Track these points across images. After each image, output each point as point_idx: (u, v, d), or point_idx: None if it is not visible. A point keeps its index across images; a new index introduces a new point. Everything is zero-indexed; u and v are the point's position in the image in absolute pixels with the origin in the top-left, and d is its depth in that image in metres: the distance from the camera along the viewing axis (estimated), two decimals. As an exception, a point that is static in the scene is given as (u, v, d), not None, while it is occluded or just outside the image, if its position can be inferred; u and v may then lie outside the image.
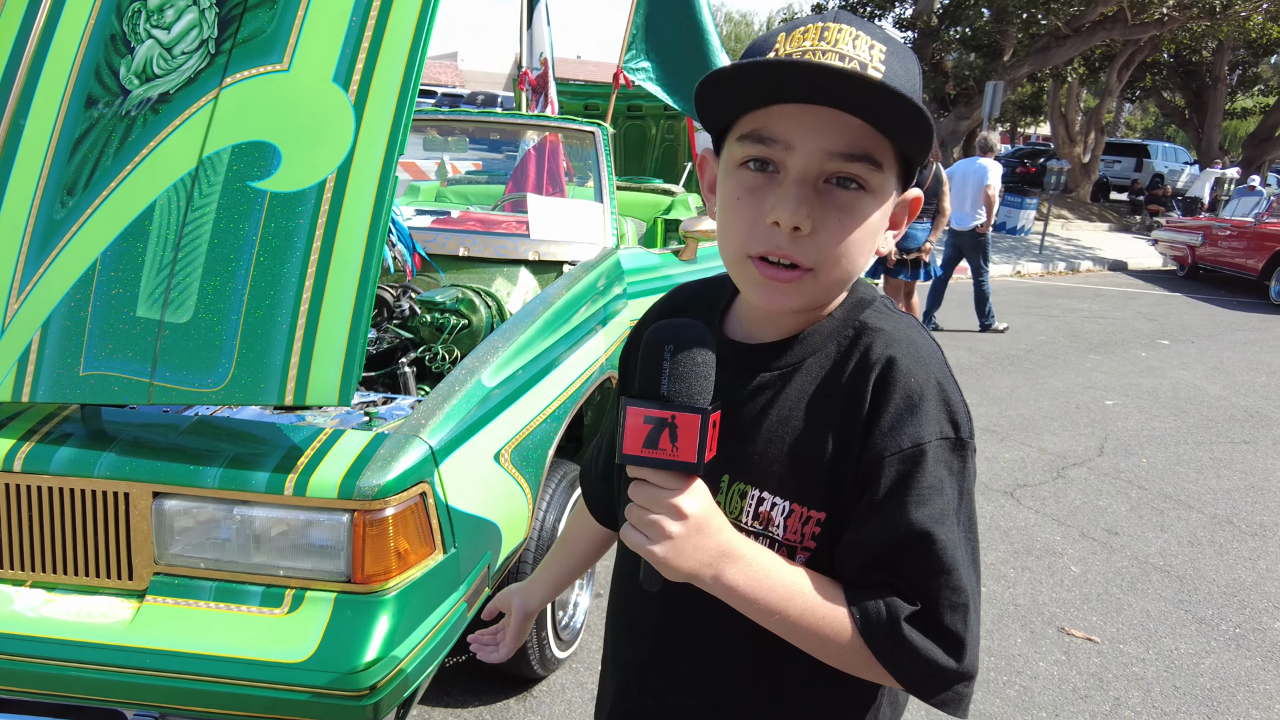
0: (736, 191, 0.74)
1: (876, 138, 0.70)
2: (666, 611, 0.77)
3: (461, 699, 2.22)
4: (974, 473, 0.75)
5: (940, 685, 0.72)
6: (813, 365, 0.78)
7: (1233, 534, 3.52)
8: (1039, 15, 13.82)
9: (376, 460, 1.49)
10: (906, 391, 0.73)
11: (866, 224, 0.73)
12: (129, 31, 1.59)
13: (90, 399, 1.50)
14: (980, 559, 0.77)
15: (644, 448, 0.67)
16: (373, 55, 1.52)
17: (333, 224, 1.47)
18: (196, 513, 1.49)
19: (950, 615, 0.71)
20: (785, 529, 0.76)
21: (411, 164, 4.97)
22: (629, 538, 0.71)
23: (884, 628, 0.71)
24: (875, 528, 0.72)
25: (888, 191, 0.73)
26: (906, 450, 0.71)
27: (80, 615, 1.46)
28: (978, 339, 6.93)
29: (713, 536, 0.70)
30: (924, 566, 0.71)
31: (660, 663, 0.87)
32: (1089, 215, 16.96)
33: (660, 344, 0.68)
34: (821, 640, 0.73)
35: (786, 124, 0.70)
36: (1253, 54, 19.09)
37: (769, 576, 0.72)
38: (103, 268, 1.51)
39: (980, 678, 2.43)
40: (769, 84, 0.70)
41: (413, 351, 2.30)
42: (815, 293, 0.75)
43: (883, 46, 0.70)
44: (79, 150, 1.55)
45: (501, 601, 1.10)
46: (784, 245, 0.72)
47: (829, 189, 0.71)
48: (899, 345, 0.75)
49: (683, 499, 0.68)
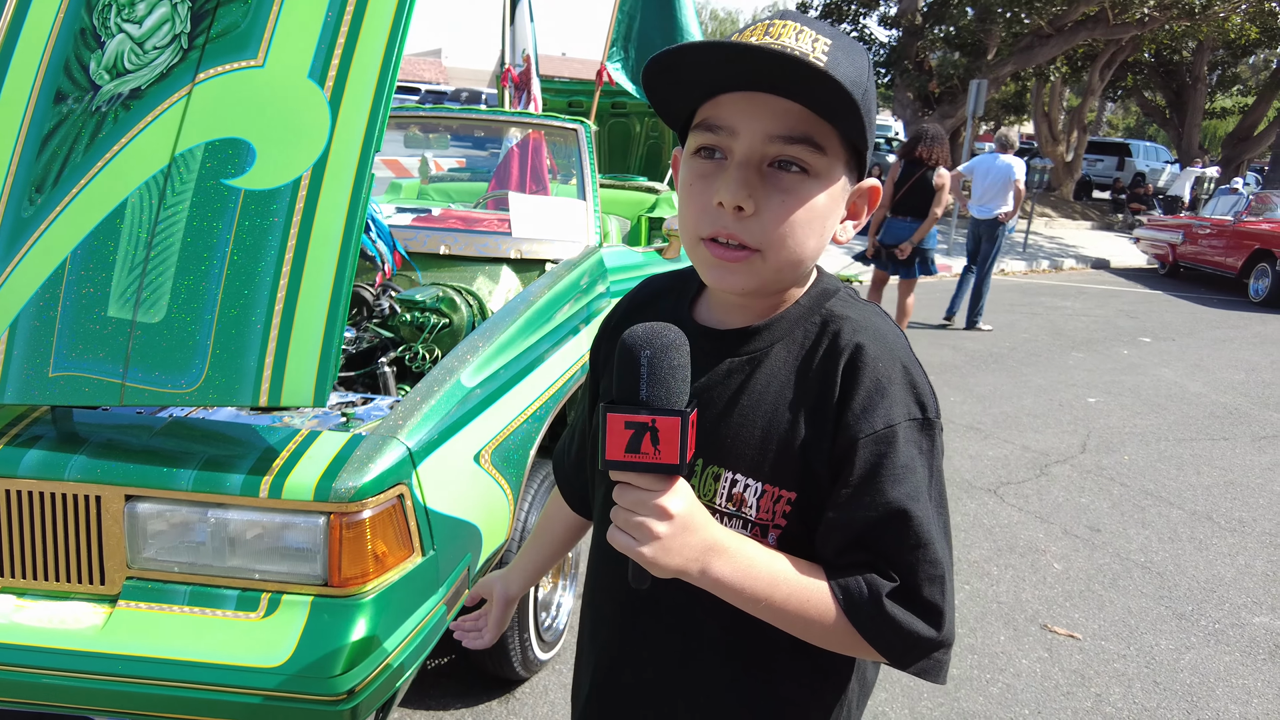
0: (690, 179, 0.79)
1: (818, 123, 0.74)
2: (640, 594, 0.78)
3: (443, 701, 2.21)
4: (942, 450, 0.79)
5: (921, 655, 0.76)
6: (781, 351, 0.81)
7: (1212, 530, 3.55)
8: (1022, 14, 13.91)
9: (353, 462, 1.47)
10: (875, 376, 0.76)
11: (810, 206, 0.75)
12: (99, 26, 1.56)
13: (61, 400, 1.47)
14: (951, 533, 0.80)
15: (626, 452, 0.68)
16: (349, 51, 1.50)
17: (308, 222, 1.44)
18: (170, 516, 1.47)
19: (929, 587, 0.74)
20: (758, 509, 0.79)
21: (394, 161, 4.93)
22: (616, 540, 0.72)
23: (867, 604, 0.74)
24: (854, 509, 0.75)
25: (833, 176, 0.77)
26: (880, 431, 0.74)
27: (51, 621, 1.43)
28: (962, 337, 6.97)
29: (698, 533, 0.72)
30: (902, 542, 0.74)
31: (636, 644, 0.89)
32: (1072, 213, 17.09)
33: (637, 349, 0.69)
34: (806, 622, 0.75)
35: (731, 111, 0.75)
36: (1231, 54, 19.29)
37: (754, 566, 0.74)
38: (73, 266, 1.48)
39: (964, 675, 2.44)
40: (715, 75, 0.74)
41: (393, 351, 2.28)
42: (765, 274, 0.77)
43: (828, 40, 0.73)
44: (48, 147, 1.52)
45: (483, 588, 1.12)
46: (730, 226, 0.75)
47: (773, 172, 0.75)
48: (865, 332, 0.79)
49: (667, 499, 0.70)
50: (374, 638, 1.44)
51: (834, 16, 16.26)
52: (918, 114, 15.73)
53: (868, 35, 16.57)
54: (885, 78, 16.71)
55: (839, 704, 0.86)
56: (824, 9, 16.35)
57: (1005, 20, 14.13)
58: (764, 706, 0.84)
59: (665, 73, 0.75)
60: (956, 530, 3.39)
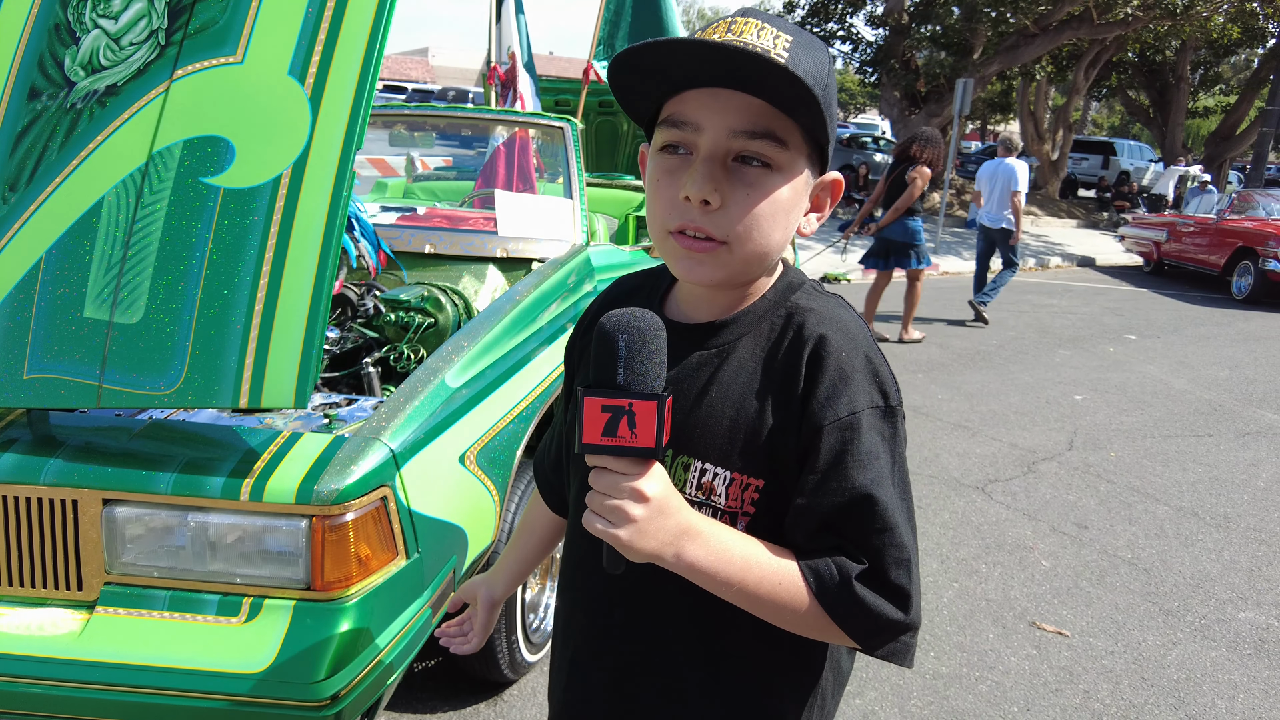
0: (656, 174, 0.80)
1: (780, 118, 0.75)
2: (613, 580, 0.79)
3: (431, 704, 2.19)
4: (904, 438, 0.81)
5: (889, 637, 0.77)
6: (748, 343, 0.82)
7: (1198, 526, 3.57)
8: (1008, 14, 13.98)
9: (335, 464, 1.45)
10: (838, 365, 0.78)
11: (773, 199, 0.77)
12: (74, 21, 1.53)
13: (36, 403, 1.44)
14: (916, 518, 0.82)
15: (603, 436, 0.69)
16: (330, 47, 1.48)
17: (288, 221, 1.42)
18: (149, 520, 1.44)
19: (895, 571, 0.76)
20: (727, 497, 0.80)
21: (380, 160, 4.90)
22: (592, 524, 0.73)
23: (836, 587, 0.75)
24: (821, 495, 0.76)
25: (795, 170, 0.78)
26: (844, 419, 0.76)
27: (27, 628, 1.41)
28: (949, 334, 6.99)
29: (673, 517, 0.73)
30: (868, 526, 0.76)
31: (609, 629, 0.89)
32: (1057, 212, 17.19)
33: (614, 334, 0.70)
34: (778, 605, 0.76)
35: (695, 107, 0.77)
36: (1214, 54, 19.48)
37: (727, 550, 0.75)
38: (48, 266, 1.46)
39: (953, 673, 2.44)
40: (679, 72, 0.76)
41: (377, 351, 2.26)
42: (732, 265, 0.79)
43: (788, 37, 0.76)
44: (21, 144, 1.49)
45: (467, 593, 1.12)
46: (696, 219, 0.77)
47: (737, 167, 0.77)
48: (829, 323, 0.80)
49: (643, 482, 0.71)
50: (358, 642, 1.42)
51: (820, 16, 16.30)
52: (904, 113, 15.79)
53: (854, 34, 16.61)
54: (872, 77, 16.77)
55: (814, 692, 0.87)
56: (810, 8, 16.39)
57: (991, 20, 14.21)
58: (736, 692, 0.85)
59: (629, 71, 0.77)
60: (945, 528, 3.39)
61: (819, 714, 0.88)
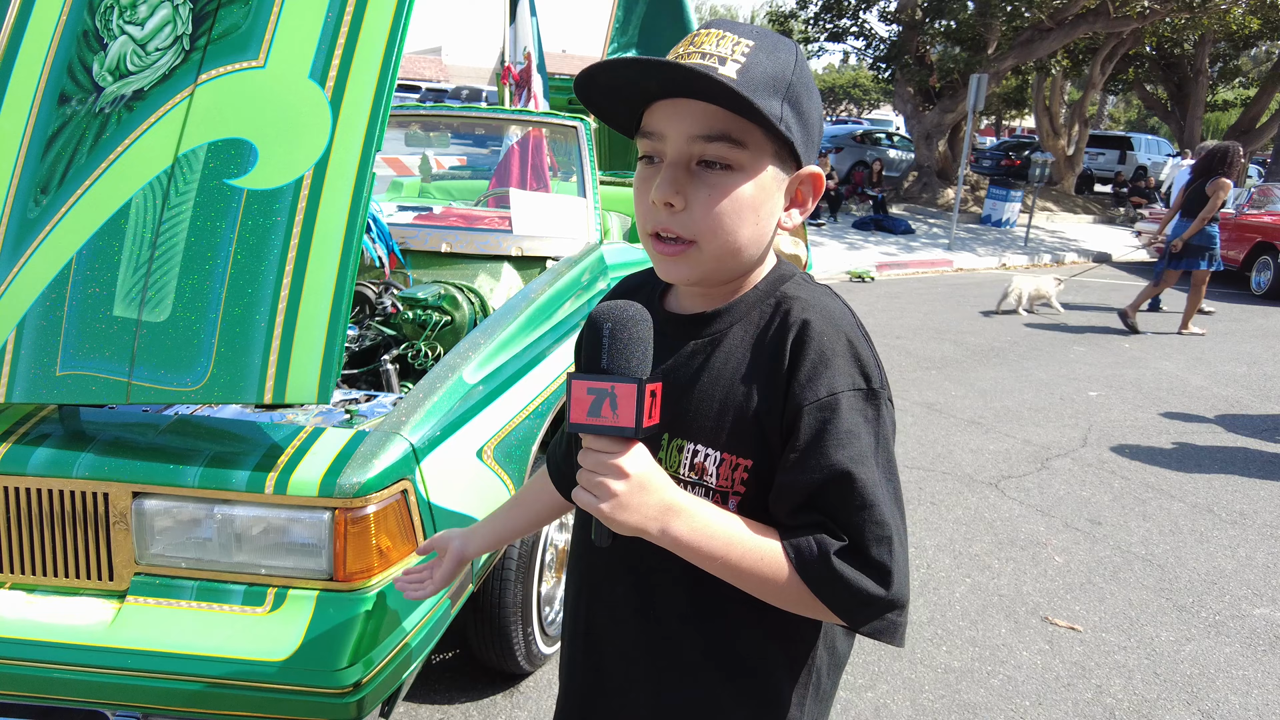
0: (636, 183, 0.86)
1: (736, 120, 0.79)
2: (605, 553, 0.84)
3: (448, 695, 2.23)
4: (891, 421, 0.84)
5: (873, 613, 0.79)
6: (738, 331, 0.87)
7: (1213, 522, 3.56)
8: (1022, 8, 13.87)
9: (357, 458, 1.49)
10: (820, 349, 0.81)
11: (734, 197, 0.81)
12: (101, 28, 1.58)
13: (68, 399, 1.48)
14: (903, 499, 0.84)
15: (588, 416, 0.74)
16: (349, 51, 1.51)
17: (310, 221, 1.46)
18: (177, 512, 1.48)
19: (876, 547, 0.78)
20: (718, 477, 0.84)
21: (395, 159, 4.95)
22: (580, 498, 0.77)
23: (815, 562, 0.78)
24: (800, 472, 0.79)
25: (758, 168, 0.82)
26: (823, 399, 0.80)
27: (61, 616, 1.45)
28: (963, 331, 6.97)
29: (655, 493, 0.77)
30: (848, 503, 0.78)
31: (612, 607, 0.93)
32: (1073, 207, 17.06)
33: (601, 323, 0.75)
34: (761, 580, 0.79)
35: (659, 117, 0.82)
36: (1233, 47, 19.22)
37: (710, 526, 0.79)
38: (78, 266, 1.50)
39: (965, 667, 2.45)
40: (637, 88, 0.82)
41: (395, 348, 2.30)
42: (704, 263, 0.84)
43: (749, 42, 0.80)
44: (52, 148, 1.54)
45: (438, 542, 1.14)
46: (665, 221, 0.82)
47: (700, 170, 0.81)
48: (813, 309, 0.84)
49: (624, 460, 0.75)
50: (379, 631, 1.45)
51: (833, 12, 16.23)
52: (918, 109, 15.71)
53: (868, 30, 16.53)
54: (885, 72, 16.68)
55: (806, 669, 0.90)
56: (823, 4, 16.31)
57: (1005, 14, 14.10)
58: (734, 666, 0.88)
59: (586, 89, 0.83)
60: (958, 524, 3.40)
61: (814, 692, 0.91)
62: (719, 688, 0.89)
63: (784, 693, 0.89)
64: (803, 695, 0.90)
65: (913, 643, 2.57)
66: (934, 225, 13.76)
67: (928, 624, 2.69)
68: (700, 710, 0.90)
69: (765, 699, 0.89)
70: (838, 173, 15.82)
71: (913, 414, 4.70)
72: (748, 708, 0.89)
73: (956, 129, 16.36)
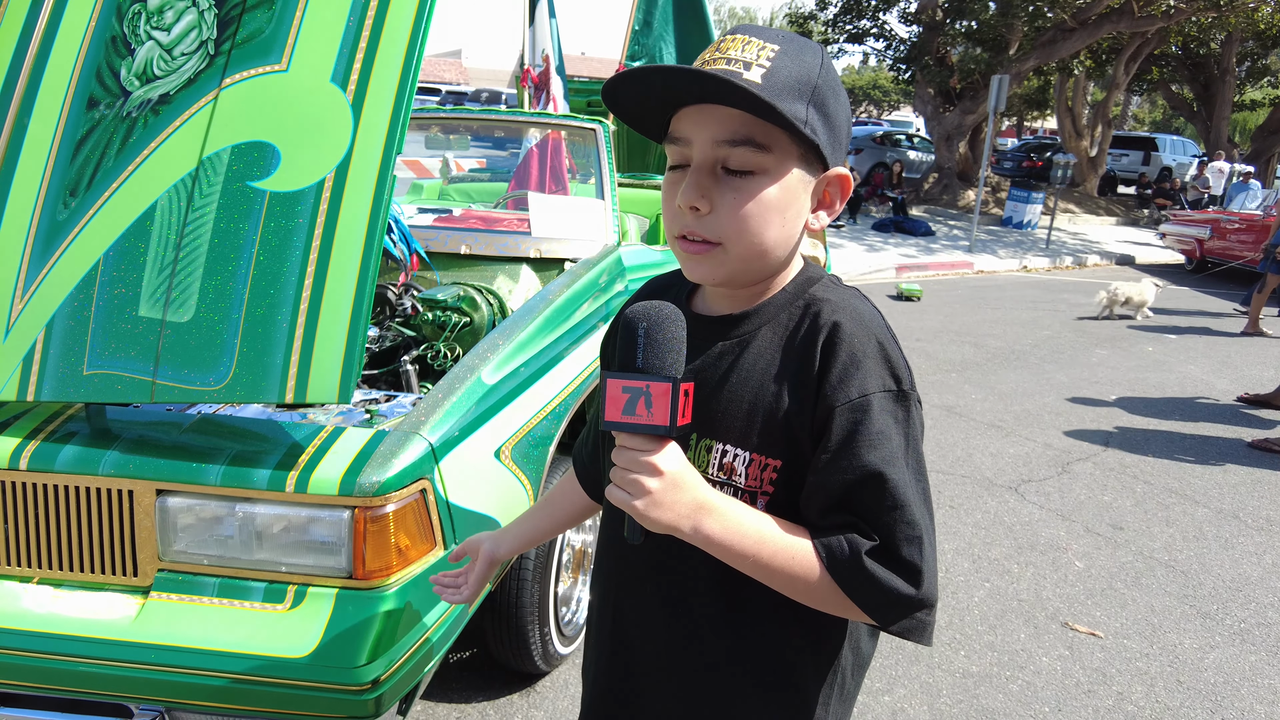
0: (665, 187, 0.87)
1: (760, 124, 0.80)
2: (644, 557, 0.84)
3: (465, 694, 2.24)
4: (920, 423, 0.84)
5: (902, 612, 0.79)
6: (767, 333, 0.87)
7: (1239, 528, 3.51)
8: (1045, 8, 13.75)
9: (377, 457, 1.50)
10: (850, 350, 0.82)
11: (760, 199, 0.82)
12: (129, 33, 1.61)
13: (94, 398, 1.51)
14: (933, 501, 0.84)
15: (623, 414, 0.75)
16: (370, 55, 1.53)
17: (331, 223, 1.48)
18: (199, 510, 1.51)
19: (907, 547, 0.78)
20: (747, 477, 0.85)
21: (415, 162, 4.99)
22: (614, 495, 0.78)
23: (847, 561, 0.79)
24: (832, 472, 0.80)
25: (783, 170, 0.82)
26: (854, 400, 0.80)
27: (86, 611, 1.48)
28: (983, 334, 6.92)
29: (688, 491, 0.78)
30: (879, 504, 0.79)
31: (641, 604, 0.94)
32: (1096, 209, 16.88)
33: (636, 322, 0.77)
34: (791, 578, 0.80)
35: (686, 123, 0.83)
36: (1261, 46, 18.93)
37: (742, 525, 0.80)
38: (105, 268, 1.53)
39: (984, 672, 2.43)
40: (665, 95, 0.83)
41: (415, 349, 2.31)
42: (730, 264, 0.84)
43: (775, 47, 0.81)
44: (81, 151, 1.56)
45: (469, 546, 1.15)
46: (691, 224, 0.83)
47: (726, 174, 0.82)
48: (843, 311, 0.85)
49: (658, 458, 0.76)
50: (398, 629, 1.47)
51: (853, 13, 16.17)
52: (938, 110, 15.61)
53: (888, 31, 16.45)
54: (905, 74, 16.58)
55: (832, 668, 0.91)
56: (843, 6, 16.26)
57: (1028, 14, 13.97)
58: (761, 664, 0.89)
59: (614, 97, 0.84)
60: (977, 528, 3.37)
61: (839, 692, 0.92)
62: (747, 687, 0.89)
63: (810, 692, 0.90)
64: (828, 695, 0.91)
65: (931, 647, 2.55)
66: (954, 227, 13.66)
67: (946, 628, 2.67)
68: (727, 710, 0.90)
69: (792, 699, 0.90)
70: (858, 174, 15.75)
71: (932, 417, 4.67)
72: (774, 706, 0.90)
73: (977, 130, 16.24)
